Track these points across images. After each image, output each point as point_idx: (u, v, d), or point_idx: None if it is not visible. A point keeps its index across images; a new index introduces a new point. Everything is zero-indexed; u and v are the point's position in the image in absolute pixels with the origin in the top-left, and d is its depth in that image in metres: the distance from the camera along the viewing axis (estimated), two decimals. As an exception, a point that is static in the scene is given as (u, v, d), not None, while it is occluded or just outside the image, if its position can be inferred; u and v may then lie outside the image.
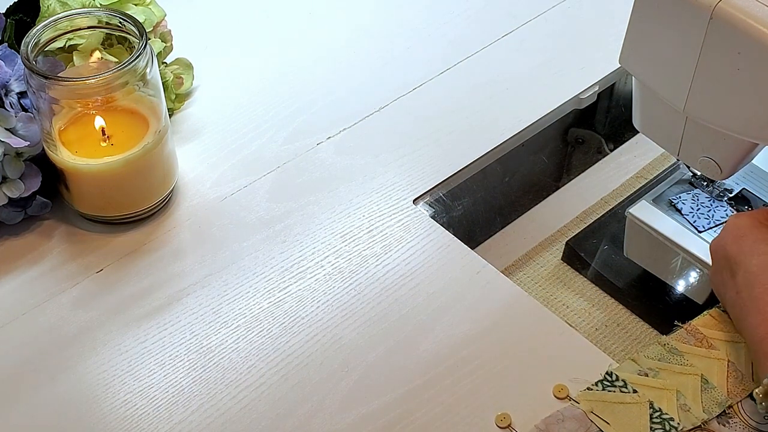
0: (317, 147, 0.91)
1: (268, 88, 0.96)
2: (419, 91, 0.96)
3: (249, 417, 0.71)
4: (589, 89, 0.97)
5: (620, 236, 0.89)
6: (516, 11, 1.05)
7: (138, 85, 0.78)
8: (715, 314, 0.75)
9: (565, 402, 0.70)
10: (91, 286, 0.79)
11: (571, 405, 0.70)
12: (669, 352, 0.72)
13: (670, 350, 0.72)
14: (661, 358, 0.72)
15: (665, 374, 0.71)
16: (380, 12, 1.05)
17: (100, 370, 0.74)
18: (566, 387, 0.71)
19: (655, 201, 0.85)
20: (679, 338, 0.73)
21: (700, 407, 0.69)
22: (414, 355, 0.74)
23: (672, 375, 0.71)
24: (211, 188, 0.87)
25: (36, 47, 0.77)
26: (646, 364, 0.72)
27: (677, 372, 0.71)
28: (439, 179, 0.88)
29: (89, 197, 0.82)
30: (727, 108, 0.72)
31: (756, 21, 0.67)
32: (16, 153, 0.79)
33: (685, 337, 0.73)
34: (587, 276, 0.92)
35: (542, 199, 1.01)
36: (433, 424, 0.70)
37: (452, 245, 0.82)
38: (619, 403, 0.69)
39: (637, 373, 0.71)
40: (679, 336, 0.74)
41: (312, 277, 0.80)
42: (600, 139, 1.07)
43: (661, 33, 0.73)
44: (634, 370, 0.71)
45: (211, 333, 0.76)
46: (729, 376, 0.71)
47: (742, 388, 0.70)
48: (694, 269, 0.86)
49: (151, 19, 0.87)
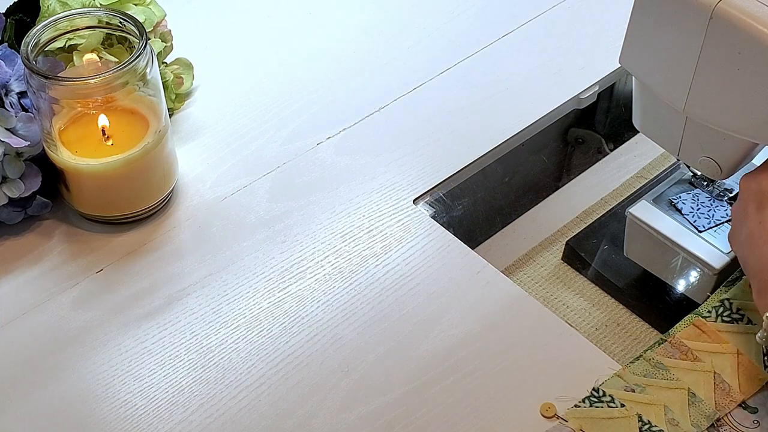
0: (317, 147, 0.91)
1: (268, 88, 0.96)
2: (419, 91, 0.96)
3: (249, 417, 0.71)
4: (589, 89, 0.97)
5: (620, 236, 0.89)
6: (516, 11, 1.05)
7: (138, 85, 0.78)
8: (699, 323, 0.74)
9: (553, 421, 0.69)
10: (91, 286, 0.79)
11: (559, 424, 0.69)
12: (654, 367, 0.72)
13: (656, 365, 0.72)
14: (647, 374, 0.71)
15: (652, 390, 0.70)
16: (380, 12, 1.05)
17: (100, 370, 0.74)
18: (553, 405, 0.70)
19: (655, 201, 0.85)
20: (664, 353, 0.72)
21: (689, 421, 0.68)
22: (414, 355, 0.74)
23: (659, 390, 0.70)
24: (211, 188, 0.87)
25: (36, 47, 0.77)
26: (632, 381, 0.71)
27: (664, 387, 0.70)
28: (439, 179, 0.88)
29: (89, 197, 0.82)
30: (727, 108, 0.72)
31: (756, 21, 0.67)
32: (16, 153, 0.79)
33: (670, 351, 0.73)
34: (587, 276, 0.92)
35: (542, 199, 1.01)
36: (433, 424, 0.70)
37: (452, 245, 0.82)
38: (607, 418, 0.69)
39: (624, 389, 0.70)
40: (664, 350, 0.73)
41: (312, 277, 0.80)
42: (600, 139, 1.07)
43: (661, 33, 0.73)
44: (620, 386, 0.71)
45: (211, 333, 0.76)
46: (716, 388, 0.70)
47: (729, 400, 0.70)
48: (694, 269, 0.86)
49: (151, 19, 0.87)
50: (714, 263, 0.81)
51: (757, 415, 0.69)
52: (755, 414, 0.69)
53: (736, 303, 0.75)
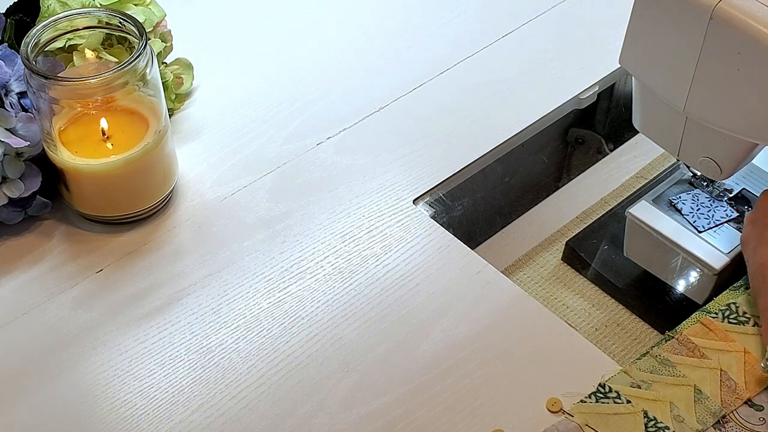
0: (317, 147, 0.91)
1: (268, 88, 0.96)
2: (419, 91, 0.96)
3: (249, 417, 0.71)
4: (589, 89, 0.97)
5: (620, 236, 0.89)
6: (516, 11, 1.05)
7: (138, 85, 0.78)
8: (706, 321, 0.74)
9: (558, 416, 0.70)
10: (91, 286, 0.79)
11: (565, 418, 0.69)
12: (661, 363, 0.72)
13: (662, 362, 0.72)
14: (653, 371, 0.71)
15: (658, 386, 0.70)
16: (380, 12, 1.05)
17: (100, 370, 0.74)
18: (559, 400, 0.70)
19: (655, 201, 0.85)
20: (671, 349, 0.73)
21: (694, 418, 0.69)
22: (414, 355, 0.74)
23: (665, 387, 0.70)
24: (211, 188, 0.87)
25: (36, 47, 0.77)
26: (638, 377, 0.71)
27: (670, 384, 0.70)
28: (439, 179, 0.88)
29: (89, 197, 0.82)
30: (727, 108, 0.72)
31: (756, 21, 0.67)
32: (16, 153, 0.79)
33: (677, 348, 0.73)
34: (587, 276, 0.92)
35: (542, 199, 1.01)
36: (433, 424, 0.70)
37: (452, 245, 0.82)
38: (613, 414, 0.69)
39: (630, 385, 0.70)
40: (671, 347, 0.73)
41: (312, 277, 0.80)
42: (600, 139, 1.07)
43: (661, 33, 0.73)
44: (626, 382, 0.71)
45: (211, 333, 0.76)
46: (722, 385, 0.70)
47: (736, 397, 0.70)
48: (694, 269, 0.86)
49: (151, 19, 0.87)
50: (714, 263, 0.82)
51: (763, 412, 0.69)
52: (761, 412, 0.69)
53: (742, 308, 0.75)
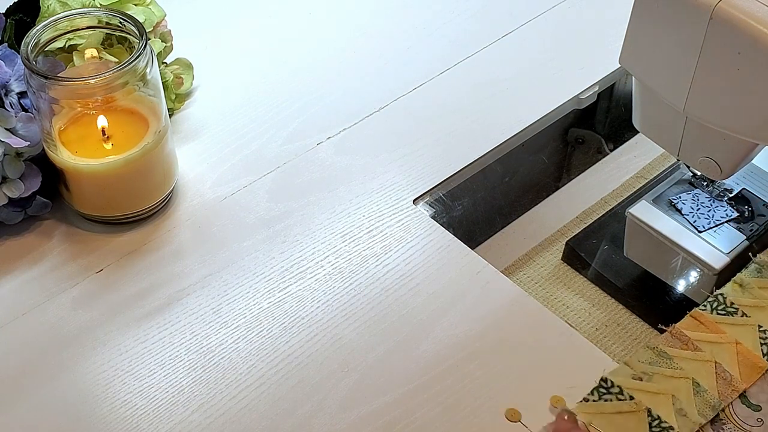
0: (317, 147, 0.91)
1: (268, 88, 0.96)
2: (419, 91, 0.96)
3: (249, 417, 0.71)
4: (589, 89, 0.97)
5: (620, 236, 0.89)
6: (516, 11, 1.05)
7: (138, 85, 0.78)
8: (696, 314, 0.75)
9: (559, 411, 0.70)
10: (91, 286, 0.79)
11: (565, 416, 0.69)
12: (658, 355, 0.72)
13: (660, 354, 0.72)
14: (652, 362, 0.72)
15: (658, 378, 0.71)
16: (380, 12, 1.05)
17: (100, 370, 0.74)
18: (563, 398, 0.70)
19: (655, 201, 0.85)
20: (666, 342, 0.73)
21: (695, 410, 0.69)
22: (414, 355, 0.74)
23: (664, 379, 0.71)
24: (211, 188, 0.87)
25: (36, 47, 0.77)
26: (639, 368, 0.71)
27: (669, 376, 0.71)
28: (439, 179, 0.88)
29: (89, 197, 0.82)
30: (727, 108, 0.72)
31: (756, 21, 0.67)
32: (16, 153, 0.79)
33: (671, 341, 0.73)
34: (587, 276, 0.92)
35: (542, 199, 1.01)
36: (433, 424, 0.70)
37: (452, 245, 0.82)
38: (617, 413, 0.69)
39: (632, 377, 0.71)
40: (665, 339, 0.73)
41: (312, 277, 0.80)
42: (600, 139, 1.07)
43: (661, 33, 0.73)
44: (628, 374, 0.71)
45: (211, 333, 0.76)
46: (718, 377, 0.71)
47: (732, 389, 0.70)
48: (694, 269, 0.86)
49: (151, 19, 0.87)
50: (714, 263, 0.82)
51: (760, 413, 0.69)
52: (758, 412, 0.70)
53: (729, 298, 0.75)
